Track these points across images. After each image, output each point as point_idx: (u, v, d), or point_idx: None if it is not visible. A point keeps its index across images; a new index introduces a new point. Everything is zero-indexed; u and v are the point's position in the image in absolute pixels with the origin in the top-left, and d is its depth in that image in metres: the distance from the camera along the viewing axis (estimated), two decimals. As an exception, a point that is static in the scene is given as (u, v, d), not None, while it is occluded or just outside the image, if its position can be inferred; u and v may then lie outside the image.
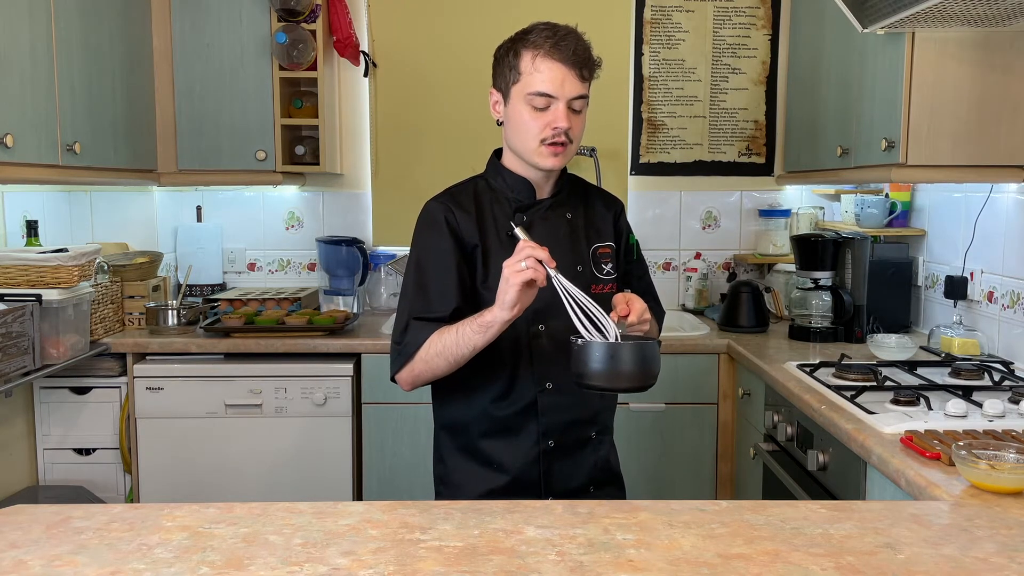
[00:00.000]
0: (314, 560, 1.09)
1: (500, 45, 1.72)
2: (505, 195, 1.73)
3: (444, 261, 1.66)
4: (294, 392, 2.78)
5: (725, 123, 3.43)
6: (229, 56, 3.01)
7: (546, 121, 1.62)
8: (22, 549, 1.13)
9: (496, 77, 1.72)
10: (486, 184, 1.76)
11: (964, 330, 2.48)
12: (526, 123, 1.64)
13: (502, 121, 1.72)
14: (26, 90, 2.20)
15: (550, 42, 1.62)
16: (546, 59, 1.62)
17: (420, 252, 1.71)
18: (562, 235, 1.72)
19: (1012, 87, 2.15)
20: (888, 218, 2.83)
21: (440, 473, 1.78)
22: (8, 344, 2.29)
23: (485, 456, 1.70)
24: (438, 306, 1.64)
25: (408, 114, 3.39)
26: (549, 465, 1.70)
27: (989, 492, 1.37)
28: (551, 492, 1.70)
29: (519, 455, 1.69)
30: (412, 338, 1.63)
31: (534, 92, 1.62)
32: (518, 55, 1.65)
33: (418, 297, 1.66)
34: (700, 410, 2.88)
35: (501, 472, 1.69)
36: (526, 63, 1.64)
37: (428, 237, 1.70)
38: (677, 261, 3.45)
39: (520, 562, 1.08)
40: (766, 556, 1.10)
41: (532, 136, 1.64)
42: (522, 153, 1.68)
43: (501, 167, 1.75)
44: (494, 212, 1.71)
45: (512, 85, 1.66)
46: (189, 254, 3.38)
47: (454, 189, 1.78)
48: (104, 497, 2.79)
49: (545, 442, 1.69)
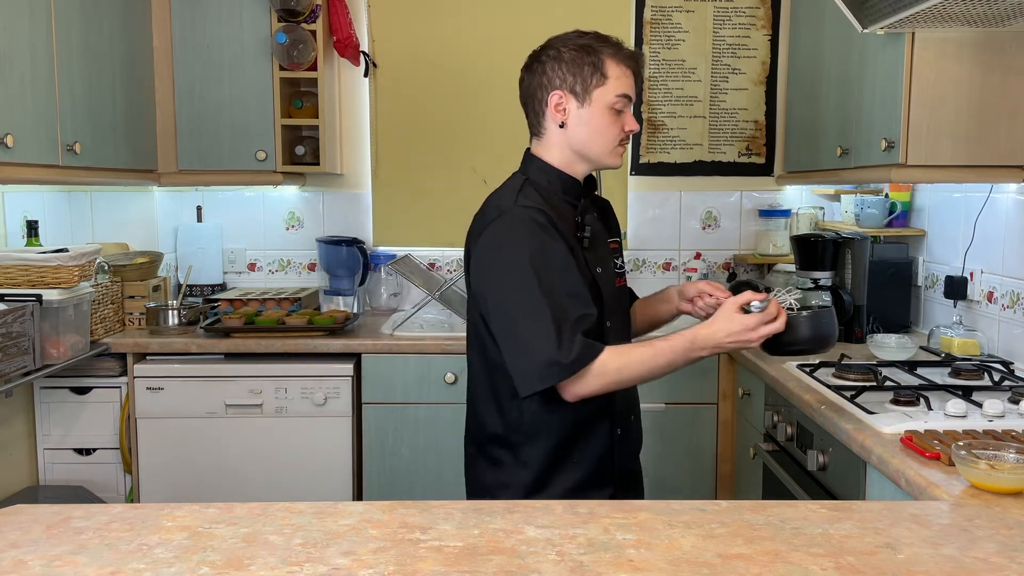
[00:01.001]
0: (314, 560, 1.09)
1: (559, 48, 1.70)
2: (558, 195, 1.73)
3: (570, 265, 1.62)
4: (294, 392, 2.78)
5: (725, 123, 3.43)
6: (229, 56, 3.01)
7: (621, 124, 1.70)
8: (22, 549, 1.13)
9: (562, 78, 1.69)
10: (538, 185, 1.73)
11: (964, 330, 2.48)
12: (607, 126, 1.69)
13: (564, 123, 1.70)
14: (26, 90, 2.20)
15: (624, 51, 1.70)
16: (625, 65, 1.69)
17: (539, 258, 1.60)
18: (600, 234, 1.78)
19: (1012, 87, 2.15)
20: (888, 218, 2.83)
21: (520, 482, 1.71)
22: (8, 344, 2.29)
23: (568, 454, 1.71)
24: (584, 309, 1.61)
25: (408, 114, 3.39)
26: (619, 453, 1.76)
27: (989, 492, 1.37)
28: (617, 477, 1.77)
29: (597, 446, 1.73)
30: (586, 350, 1.57)
31: (621, 95, 1.68)
32: (602, 61, 1.67)
33: (557, 304, 1.58)
34: (700, 410, 2.88)
35: (582, 466, 1.71)
36: (612, 68, 1.68)
37: (542, 243, 1.61)
38: (677, 261, 3.45)
39: (520, 562, 1.08)
40: (766, 556, 1.11)
41: (612, 138, 1.70)
42: (595, 154, 1.71)
43: (549, 167, 1.74)
44: (559, 212, 1.70)
45: (595, 88, 1.67)
46: (189, 254, 3.38)
47: (522, 193, 1.70)
48: (104, 497, 2.79)
49: (615, 431, 1.75)
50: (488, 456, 1.77)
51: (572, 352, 1.55)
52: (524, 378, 1.59)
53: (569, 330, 1.56)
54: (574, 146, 1.71)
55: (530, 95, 1.75)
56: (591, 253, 1.71)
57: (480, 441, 1.79)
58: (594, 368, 1.58)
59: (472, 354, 1.79)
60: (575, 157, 1.73)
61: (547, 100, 1.70)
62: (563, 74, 1.68)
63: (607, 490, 1.73)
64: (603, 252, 1.76)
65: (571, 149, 1.72)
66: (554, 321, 1.56)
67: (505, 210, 1.66)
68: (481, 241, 1.67)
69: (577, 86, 1.68)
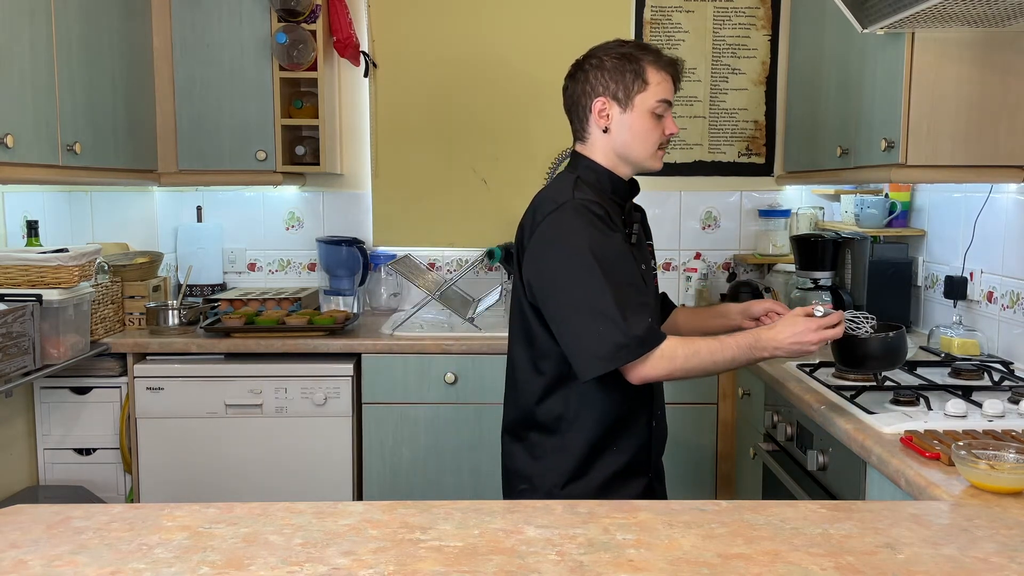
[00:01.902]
0: (314, 560, 1.09)
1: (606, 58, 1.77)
2: (607, 195, 1.79)
3: (627, 256, 1.70)
4: (294, 392, 2.78)
5: (725, 123, 3.43)
6: (229, 56, 3.01)
7: (662, 128, 1.78)
8: (22, 549, 1.13)
9: (606, 85, 1.76)
10: (588, 184, 1.78)
11: (964, 330, 2.48)
12: (649, 130, 1.77)
13: (607, 128, 1.78)
14: (26, 90, 2.20)
15: (664, 59, 1.78)
16: (665, 71, 1.77)
17: (598, 247, 1.65)
18: (643, 234, 1.87)
19: (1012, 87, 2.15)
20: (888, 218, 2.83)
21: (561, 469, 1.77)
22: (8, 344, 2.29)
23: (611, 442, 1.77)
24: (646, 297, 1.69)
25: (408, 114, 3.39)
26: (655, 443, 1.85)
27: (989, 492, 1.38)
28: (652, 467, 1.85)
29: (636, 436, 1.80)
30: (654, 333, 1.62)
31: (662, 100, 1.76)
32: (643, 68, 1.75)
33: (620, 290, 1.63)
34: (700, 410, 2.88)
35: (622, 454, 1.78)
36: (653, 74, 1.75)
37: (601, 232, 1.67)
38: (677, 261, 3.45)
39: (520, 562, 1.08)
40: (766, 556, 1.11)
41: (653, 142, 1.78)
42: (638, 158, 1.79)
43: (599, 167, 1.81)
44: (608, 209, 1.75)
45: (637, 95, 1.75)
46: (189, 254, 3.38)
47: (572, 186, 1.75)
48: (104, 497, 2.79)
49: (652, 423, 1.83)
50: (529, 444, 1.82)
51: (639, 334, 1.61)
52: (588, 361, 1.63)
53: (634, 313, 1.62)
54: (617, 150, 1.79)
55: (574, 102, 1.81)
56: (638, 251, 1.79)
57: (520, 430, 1.84)
58: (663, 352, 1.63)
59: (516, 347, 1.84)
60: (618, 161, 1.80)
61: (591, 106, 1.78)
62: (606, 81, 1.76)
63: (643, 479, 1.82)
64: (646, 252, 1.86)
65: (615, 153, 1.80)
66: (618, 305, 1.61)
67: (562, 202, 1.71)
68: (539, 231, 1.71)
69: (620, 92, 1.75)
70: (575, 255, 1.65)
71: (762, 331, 1.67)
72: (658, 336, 1.63)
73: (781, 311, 1.92)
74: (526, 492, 1.81)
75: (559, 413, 1.76)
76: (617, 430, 1.78)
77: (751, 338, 1.67)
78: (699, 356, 1.65)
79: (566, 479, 1.76)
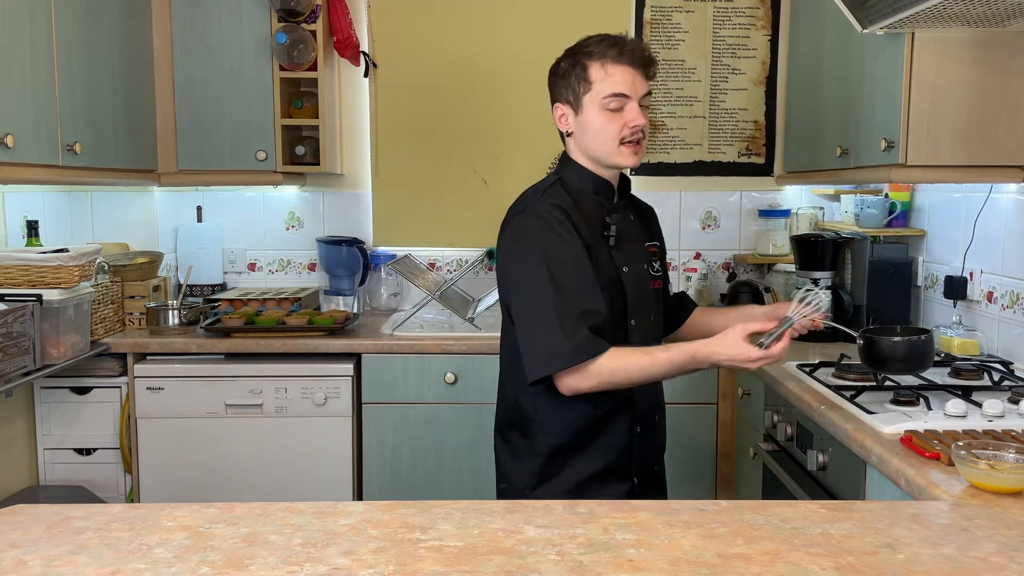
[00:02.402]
0: (314, 560, 1.09)
1: (557, 63, 1.80)
2: (589, 195, 1.80)
3: (582, 262, 1.69)
4: (294, 392, 2.78)
5: (725, 123, 3.43)
6: (229, 56, 3.01)
7: (623, 122, 1.74)
8: (22, 549, 1.13)
9: (560, 92, 1.79)
10: (569, 186, 1.80)
11: (964, 330, 2.48)
12: (603, 127, 1.75)
13: (570, 132, 1.80)
14: (26, 90, 2.20)
15: (615, 49, 1.74)
16: (616, 64, 1.73)
17: (553, 251, 1.68)
18: (634, 235, 1.86)
19: (1012, 87, 2.15)
20: (888, 218, 2.83)
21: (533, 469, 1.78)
22: (8, 344, 2.29)
23: (585, 445, 1.76)
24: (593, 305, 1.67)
25: (408, 114, 3.39)
26: (637, 449, 1.82)
27: (989, 492, 1.38)
28: (635, 473, 1.82)
29: (614, 441, 1.78)
30: (590, 344, 1.62)
31: (609, 95, 1.73)
32: (585, 68, 1.74)
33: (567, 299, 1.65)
34: (700, 410, 2.88)
35: (598, 460, 1.77)
36: (596, 72, 1.74)
37: (559, 237, 1.69)
38: (677, 261, 3.45)
39: (520, 562, 1.08)
40: (766, 556, 1.11)
41: (610, 138, 1.75)
42: (602, 156, 1.77)
43: (581, 168, 1.81)
44: (586, 212, 1.77)
45: (584, 95, 1.75)
46: (189, 254, 3.38)
47: (549, 191, 1.78)
48: (104, 497, 2.79)
49: (635, 428, 1.80)
50: (507, 441, 1.85)
51: (574, 345, 1.62)
52: (530, 364, 1.67)
53: (573, 323, 1.63)
54: (584, 151, 1.80)
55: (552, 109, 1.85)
56: (618, 252, 1.78)
57: (501, 426, 1.87)
58: (592, 365, 1.63)
59: (502, 346, 1.87)
60: (591, 161, 1.80)
61: (554, 114, 1.82)
62: (561, 88, 1.79)
63: (624, 485, 1.80)
64: (635, 253, 1.84)
65: (584, 155, 1.80)
66: (559, 314, 1.63)
67: (527, 206, 1.76)
68: (505, 234, 1.77)
69: (570, 96, 1.77)
70: (529, 260, 1.69)
71: (700, 348, 1.65)
72: (593, 348, 1.62)
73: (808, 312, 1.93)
74: (506, 491, 1.83)
75: (530, 414, 1.78)
76: (591, 433, 1.76)
77: (688, 356, 1.65)
78: (627, 372, 1.65)
79: (537, 480, 1.77)
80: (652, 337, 1.87)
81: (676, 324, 2.08)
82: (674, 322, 2.08)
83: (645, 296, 1.85)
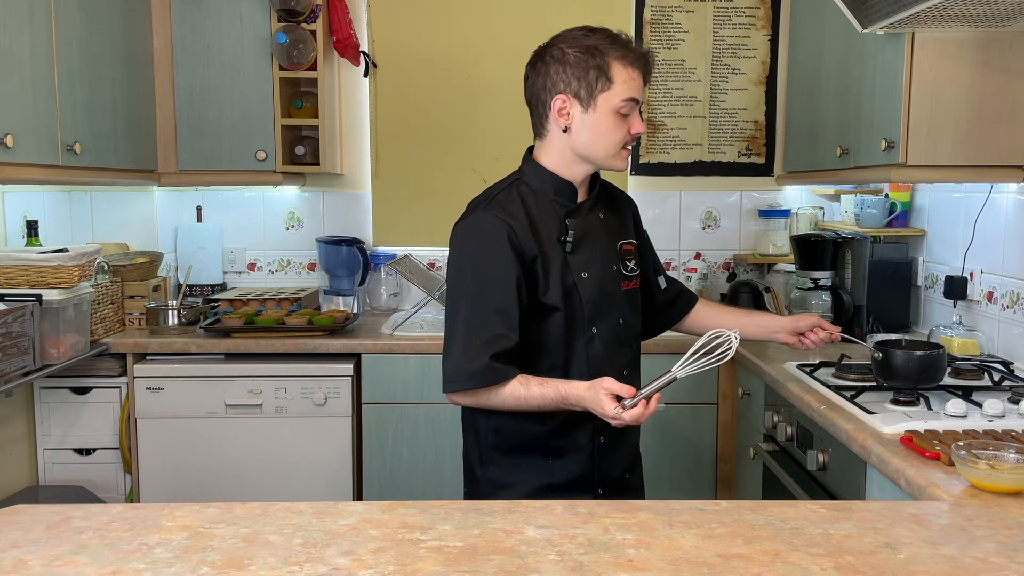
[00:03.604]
0: (314, 560, 1.09)
1: (559, 49, 1.67)
2: (548, 198, 1.72)
3: (507, 284, 1.62)
4: (294, 392, 2.78)
5: (725, 123, 3.43)
6: (229, 56, 3.01)
7: (627, 127, 1.67)
8: (22, 549, 1.13)
9: (566, 82, 1.65)
10: (527, 187, 1.73)
11: (964, 330, 2.48)
12: (612, 131, 1.66)
13: (568, 128, 1.67)
14: (26, 90, 2.20)
15: (633, 54, 1.66)
16: (633, 67, 1.65)
17: (481, 268, 1.64)
18: (601, 236, 1.76)
19: (1012, 87, 2.15)
20: (888, 218, 2.83)
21: (490, 475, 1.75)
22: (8, 344, 2.29)
23: (541, 454, 1.72)
24: (505, 330, 1.61)
25: (408, 114, 3.39)
26: (601, 459, 1.74)
27: (989, 492, 1.38)
28: (601, 484, 1.75)
29: (574, 452, 1.72)
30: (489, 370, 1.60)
31: (628, 99, 1.64)
32: (608, 64, 1.63)
33: (483, 319, 1.62)
34: (700, 410, 2.88)
35: (556, 469, 1.71)
36: (619, 71, 1.64)
37: (489, 255, 1.64)
38: (677, 261, 3.45)
39: (520, 562, 1.08)
40: (766, 556, 1.11)
41: (616, 142, 1.67)
42: (599, 159, 1.69)
43: (542, 169, 1.73)
44: (542, 216, 1.70)
45: (600, 93, 1.64)
46: (189, 254, 3.38)
47: (499, 196, 1.71)
48: (104, 497, 2.79)
49: (598, 439, 1.73)
50: (466, 448, 1.82)
51: (473, 369, 1.60)
52: (442, 376, 1.66)
53: (477, 347, 1.60)
54: (577, 150, 1.69)
55: (534, 96, 1.71)
56: (577, 257, 1.69)
57: (466, 431, 1.82)
58: (483, 393, 1.62)
59: None
60: (576, 159, 1.70)
61: (551, 103, 1.67)
62: (567, 78, 1.65)
63: (587, 496, 1.71)
64: (600, 255, 1.73)
65: (573, 152, 1.70)
66: (468, 334, 1.62)
67: (472, 214, 1.70)
68: (451, 237, 1.71)
69: (582, 91, 1.64)
70: (458, 273, 1.67)
71: (572, 391, 1.58)
72: (488, 378, 1.60)
73: (826, 327, 1.92)
74: (467, 495, 1.80)
75: (484, 422, 1.74)
76: (547, 442, 1.70)
77: (560, 397, 1.59)
78: (501, 400, 1.62)
79: (495, 488, 1.73)
80: (623, 341, 1.77)
81: (674, 319, 2.00)
82: (670, 317, 2.00)
83: (613, 300, 1.74)
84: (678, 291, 2.01)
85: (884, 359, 1.95)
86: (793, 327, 1.93)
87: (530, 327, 1.66)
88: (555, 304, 1.66)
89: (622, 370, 1.75)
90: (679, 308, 2.00)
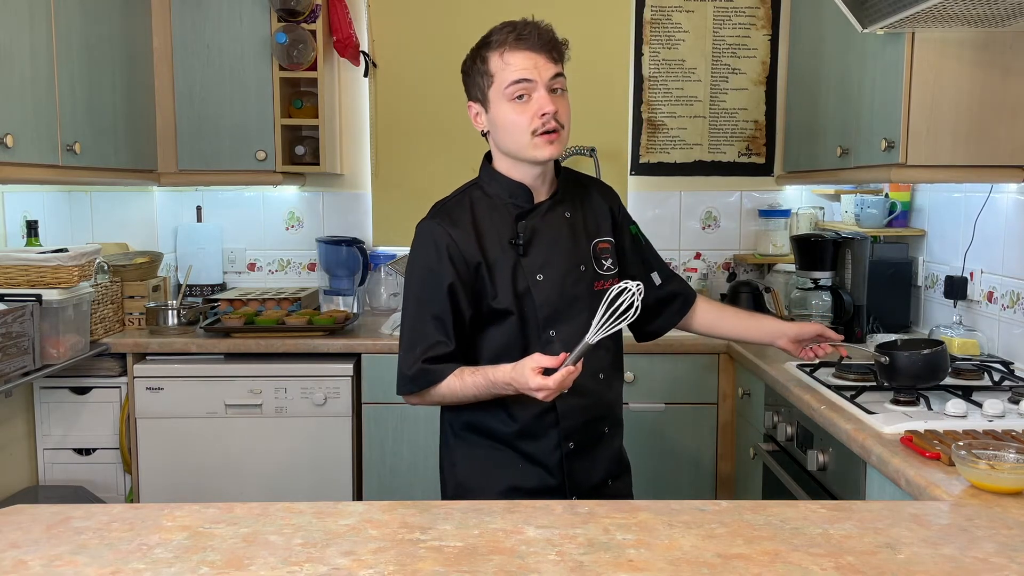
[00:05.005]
0: (314, 560, 1.09)
1: (463, 62, 1.73)
2: (502, 201, 1.71)
3: (439, 294, 1.65)
4: (294, 392, 2.78)
5: (725, 123, 3.43)
6: (229, 56, 3.01)
7: (532, 111, 1.62)
8: (22, 549, 1.13)
9: (470, 90, 1.72)
10: (481, 192, 1.74)
11: (964, 330, 2.48)
12: (512, 119, 1.64)
13: (487, 131, 1.72)
14: (26, 90, 2.20)
15: (512, 35, 1.64)
16: (514, 51, 1.63)
17: (420, 275, 1.69)
18: (563, 236, 1.72)
19: (1012, 87, 2.15)
20: (888, 218, 2.83)
21: (459, 478, 1.75)
22: (8, 344, 2.29)
23: (509, 459, 1.70)
24: (442, 336, 1.65)
25: (408, 114, 3.39)
26: (571, 465, 1.70)
27: (989, 492, 1.38)
28: (574, 491, 1.71)
29: (542, 460, 1.69)
30: (422, 373, 1.66)
31: (512, 82, 1.62)
32: (485, 60, 1.66)
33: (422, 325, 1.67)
34: (700, 410, 2.88)
35: (526, 475, 1.69)
36: (495, 63, 1.65)
37: (428, 263, 1.68)
38: (677, 261, 3.45)
39: (520, 562, 1.08)
40: (766, 556, 1.11)
41: (522, 130, 1.63)
42: (517, 152, 1.66)
43: (495, 172, 1.73)
44: (493, 220, 1.69)
45: (488, 89, 1.66)
46: (189, 254, 3.38)
47: (449, 203, 1.75)
48: (104, 497, 2.79)
49: (566, 445, 1.69)
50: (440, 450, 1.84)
51: (411, 374, 1.66)
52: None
53: (414, 354, 1.66)
54: (500, 149, 1.71)
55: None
56: (532, 259, 1.67)
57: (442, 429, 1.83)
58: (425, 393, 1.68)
59: None
60: (509, 161, 1.71)
61: (469, 114, 1.75)
62: (469, 86, 1.72)
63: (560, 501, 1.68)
64: (561, 255, 1.70)
65: (502, 153, 1.71)
66: (409, 340, 1.68)
67: (422, 221, 1.75)
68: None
69: (478, 93, 1.69)
70: (408, 278, 1.73)
71: (497, 374, 1.58)
72: (423, 381, 1.65)
73: (831, 337, 1.89)
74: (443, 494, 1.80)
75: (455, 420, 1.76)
76: (513, 445, 1.69)
77: (488, 381, 1.60)
78: (441, 395, 1.67)
79: (463, 491, 1.72)
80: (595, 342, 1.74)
81: (673, 320, 1.90)
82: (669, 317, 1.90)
83: (578, 301, 1.68)
84: (676, 291, 1.90)
85: (891, 363, 1.94)
86: (796, 335, 1.90)
87: (485, 331, 1.68)
88: (507, 308, 1.65)
89: (598, 373, 1.71)
90: (677, 309, 1.90)
